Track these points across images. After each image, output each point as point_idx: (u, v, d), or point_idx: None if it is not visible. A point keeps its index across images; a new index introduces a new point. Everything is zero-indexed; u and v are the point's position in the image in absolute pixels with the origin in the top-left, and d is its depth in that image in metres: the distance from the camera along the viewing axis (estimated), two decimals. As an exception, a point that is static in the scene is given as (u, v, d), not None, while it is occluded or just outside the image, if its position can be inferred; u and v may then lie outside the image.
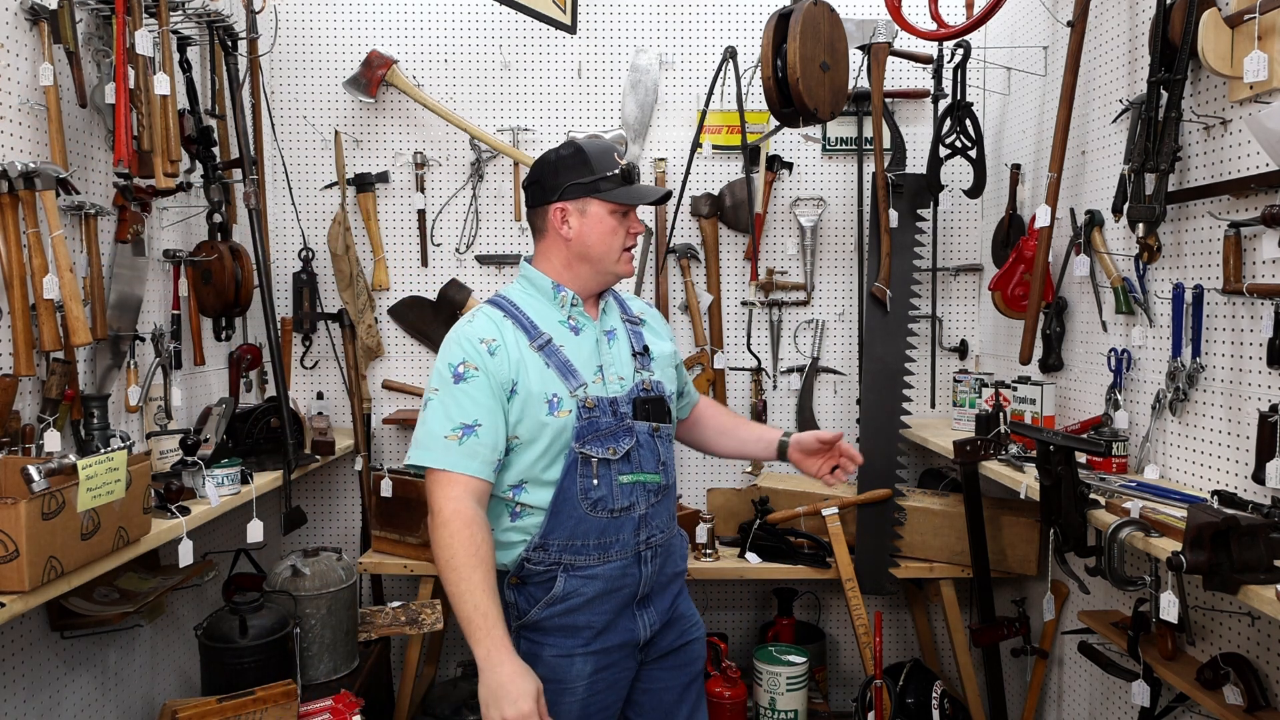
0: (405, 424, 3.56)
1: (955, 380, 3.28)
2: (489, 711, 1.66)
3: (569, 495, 1.82)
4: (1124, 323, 2.54)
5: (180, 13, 2.59)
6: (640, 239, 1.96)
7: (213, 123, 2.90)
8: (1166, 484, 2.28)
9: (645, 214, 3.57)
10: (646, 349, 1.97)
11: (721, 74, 3.34)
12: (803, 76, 2.79)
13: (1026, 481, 2.43)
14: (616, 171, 1.89)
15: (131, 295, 2.60)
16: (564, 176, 1.88)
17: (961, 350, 3.58)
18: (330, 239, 3.51)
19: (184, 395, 2.92)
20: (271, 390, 3.41)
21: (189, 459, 2.46)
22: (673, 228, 3.50)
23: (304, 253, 3.50)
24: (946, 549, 3.02)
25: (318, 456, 3.06)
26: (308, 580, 2.79)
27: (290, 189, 3.49)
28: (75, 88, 2.35)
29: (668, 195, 1.98)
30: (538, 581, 1.86)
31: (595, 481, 1.83)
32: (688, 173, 3.40)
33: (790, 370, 3.56)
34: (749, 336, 3.55)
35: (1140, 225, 2.32)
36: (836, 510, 3.01)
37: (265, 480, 2.70)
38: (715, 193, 3.52)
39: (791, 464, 2.12)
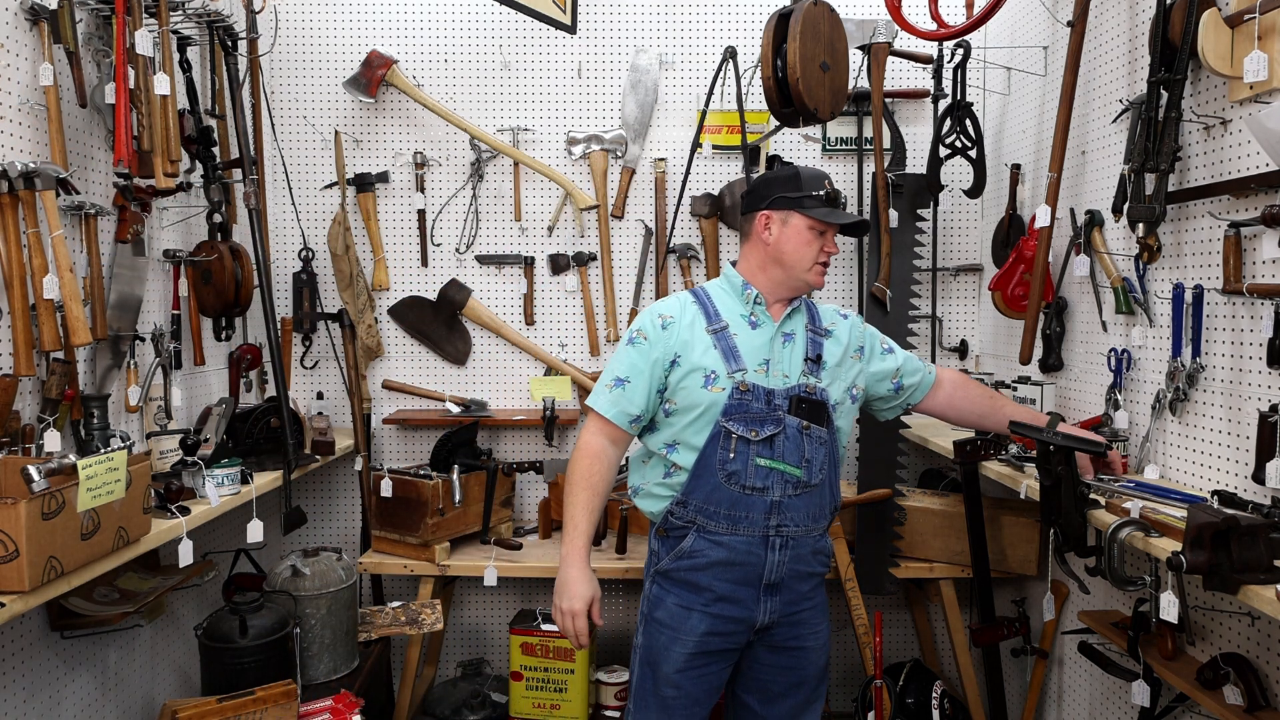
0: (405, 424, 3.56)
1: (955, 380, 3.27)
2: (555, 598, 2.10)
3: (708, 463, 2.05)
4: (1124, 323, 2.54)
5: (180, 13, 2.59)
6: (831, 256, 2.17)
7: (213, 123, 2.90)
8: (1167, 484, 2.28)
9: (645, 214, 3.57)
10: (819, 357, 2.14)
11: (721, 74, 3.34)
12: (803, 76, 2.79)
13: (1026, 481, 2.43)
14: (822, 194, 2.10)
15: (131, 295, 2.60)
16: (775, 189, 2.12)
17: (961, 350, 3.58)
18: (330, 239, 3.51)
19: (184, 395, 2.92)
20: (271, 390, 3.41)
21: (189, 459, 2.46)
22: (673, 228, 3.50)
23: (304, 253, 3.50)
24: (946, 549, 3.02)
25: (318, 456, 3.06)
26: (308, 580, 2.79)
27: (290, 189, 3.49)
28: (75, 88, 2.35)
29: (865, 224, 2.17)
30: (675, 535, 2.13)
31: (732, 455, 2.04)
32: (688, 173, 3.40)
33: (790, 370, 3.55)
34: (749, 336, 3.55)
35: (1140, 225, 2.32)
36: (836, 510, 3.01)
37: (265, 480, 2.71)
38: (715, 193, 3.52)
39: None
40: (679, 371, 2.08)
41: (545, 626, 3.13)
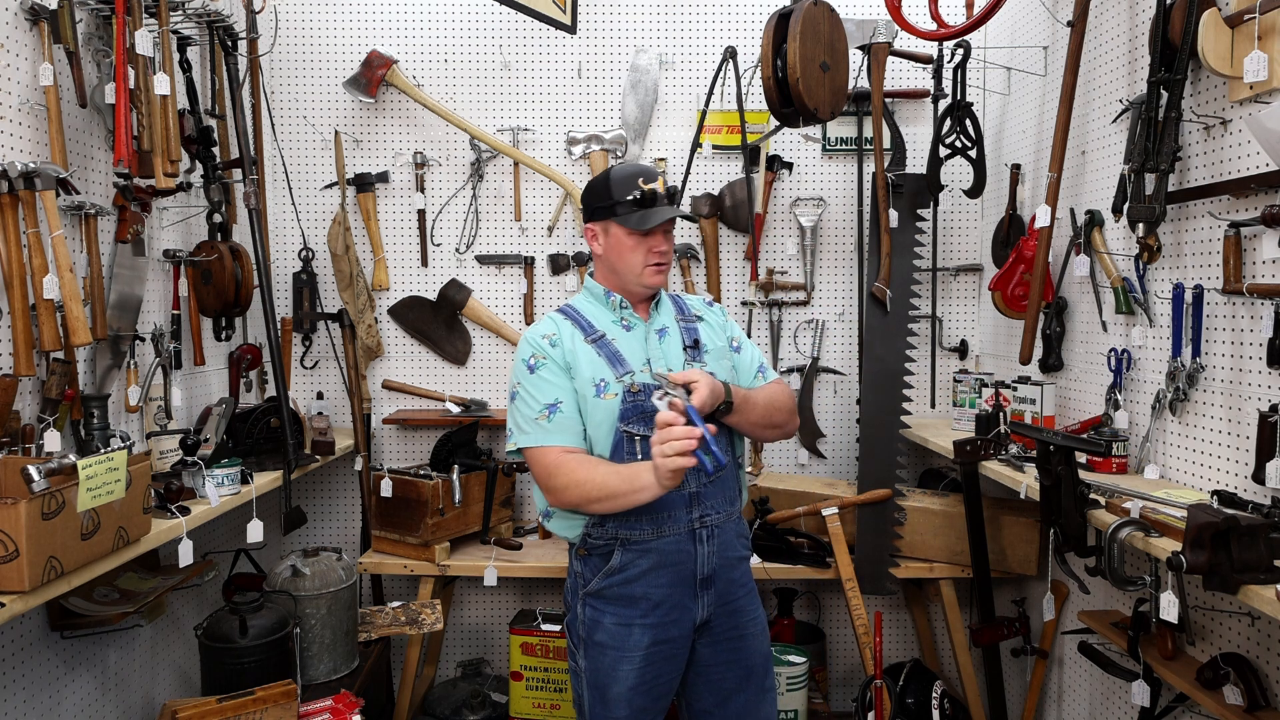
0: (405, 424, 3.56)
1: (955, 380, 3.28)
2: (655, 475, 1.84)
3: None
4: (1124, 323, 2.54)
5: (180, 13, 2.59)
6: (663, 254, 2.09)
7: (213, 123, 2.90)
8: (1167, 483, 2.28)
9: (645, 214, 3.57)
10: (698, 343, 2.13)
11: (721, 74, 3.34)
12: (803, 76, 2.79)
13: (1026, 481, 2.43)
14: (632, 196, 2.02)
15: (131, 295, 2.60)
16: (592, 200, 2.10)
17: (961, 350, 3.58)
18: (330, 239, 3.51)
19: (184, 395, 2.92)
20: (271, 390, 3.41)
21: (189, 459, 2.46)
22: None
23: (304, 253, 3.50)
24: (946, 549, 3.02)
25: (318, 456, 3.06)
26: (308, 580, 2.79)
27: (290, 189, 3.49)
28: (75, 88, 2.35)
29: (673, 218, 2.06)
30: (599, 554, 2.06)
31: (639, 457, 1.98)
32: (688, 173, 3.40)
33: (790, 370, 3.56)
34: (749, 336, 3.55)
35: (1140, 225, 2.32)
36: (836, 510, 3.01)
37: (265, 480, 2.70)
38: (715, 193, 3.52)
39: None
40: (573, 385, 2.03)
41: (545, 626, 3.13)
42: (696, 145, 3.40)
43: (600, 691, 2.05)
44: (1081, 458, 2.35)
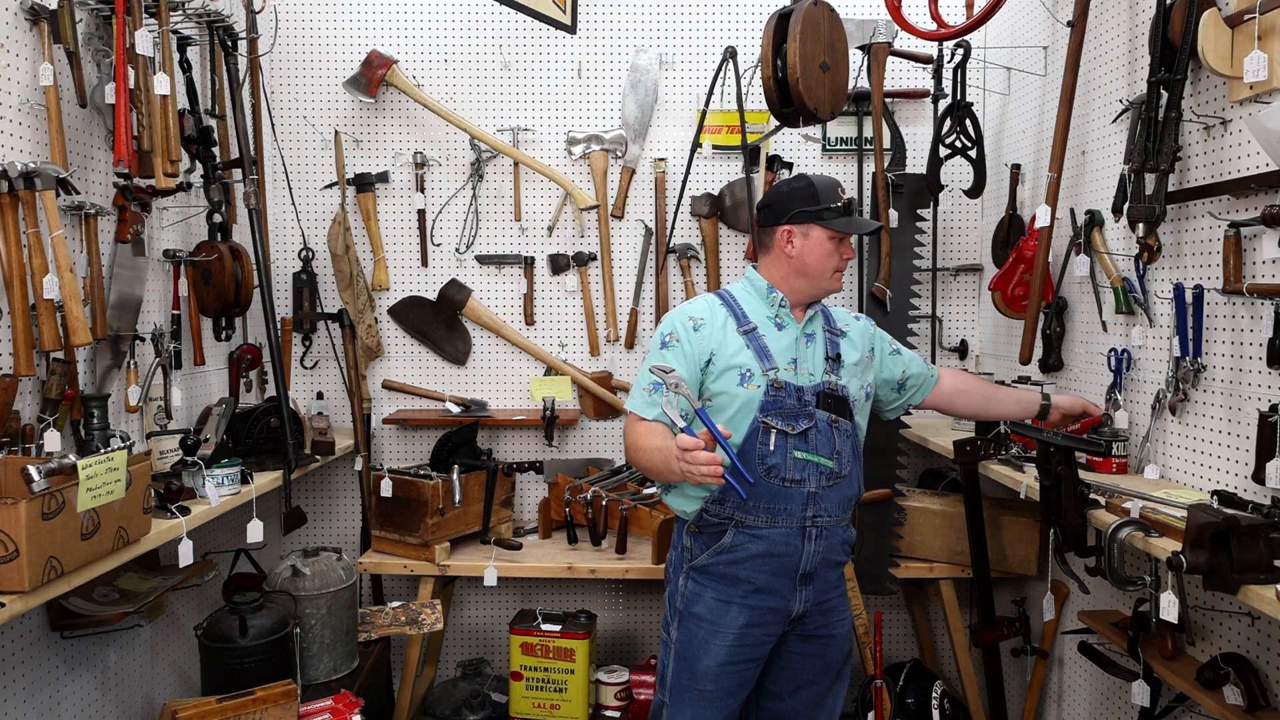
0: (405, 424, 3.56)
1: (955, 380, 3.27)
2: (672, 473, 1.97)
3: (748, 458, 2.09)
4: (1124, 323, 2.54)
5: (180, 13, 2.59)
6: (849, 261, 2.27)
7: (213, 123, 2.90)
8: (1166, 484, 2.27)
9: (645, 213, 3.57)
10: (839, 356, 2.23)
11: (721, 74, 3.34)
12: (803, 76, 2.79)
13: (1026, 481, 2.43)
14: (838, 204, 2.18)
15: (131, 295, 2.60)
16: (794, 204, 2.20)
17: (961, 350, 3.58)
18: (330, 239, 3.51)
19: (184, 395, 2.92)
20: (271, 390, 3.41)
21: (189, 459, 2.46)
22: (673, 228, 3.49)
23: (304, 253, 3.50)
24: (946, 549, 3.02)
25: (318, 456, 3.06)
26: (308, 580, 2.79)
27: (290, 189, 3.49)
28: (75, 88, 2.35)
29: (879, 228, 2.25)
30: (711, 532, 2.17)
31: (771, 449, 2.10)
32: (688, 173, 3.40)
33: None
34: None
35: (1140, 225, 2.32)
36: (836, 510, 3.01)
37: (265, 480, 2.70)
38: (715, 193, 3.52)
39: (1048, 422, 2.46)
40: (714, 370, 2.14)
41: (545, 626, 3.13)
42: (696, 145, 3.40)
43: (689, 663, 2.17)
44: (1081, 458, 2.35)
